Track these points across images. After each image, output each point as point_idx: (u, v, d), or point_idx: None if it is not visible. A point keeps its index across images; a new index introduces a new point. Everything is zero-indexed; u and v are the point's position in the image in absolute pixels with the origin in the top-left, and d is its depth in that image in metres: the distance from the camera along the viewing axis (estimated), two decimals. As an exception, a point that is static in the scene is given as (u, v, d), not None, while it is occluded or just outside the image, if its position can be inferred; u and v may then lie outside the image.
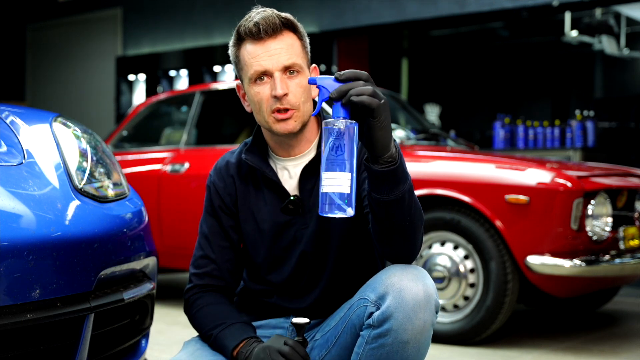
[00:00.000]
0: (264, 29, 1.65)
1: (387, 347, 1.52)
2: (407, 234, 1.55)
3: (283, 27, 1.67)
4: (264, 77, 1.67)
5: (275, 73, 1.66)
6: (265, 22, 1.65)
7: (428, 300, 1.52)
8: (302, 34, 1.72)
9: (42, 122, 2.17)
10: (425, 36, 8.89)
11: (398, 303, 1.50)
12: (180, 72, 9.05)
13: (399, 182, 1.48)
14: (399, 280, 1.53)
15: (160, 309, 4.34)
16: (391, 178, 1.47)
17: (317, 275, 1.75)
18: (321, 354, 1.69)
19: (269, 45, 1.66)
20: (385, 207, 1.50)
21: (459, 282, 3.59)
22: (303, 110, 1.69)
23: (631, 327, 4.20)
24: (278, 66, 1.66)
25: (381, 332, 1.52)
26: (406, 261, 1.60)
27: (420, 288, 1.52)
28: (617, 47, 7.71)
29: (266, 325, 1.79)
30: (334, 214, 1.41)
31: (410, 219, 1.53)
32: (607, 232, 3.57)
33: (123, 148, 5.09)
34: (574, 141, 6.41)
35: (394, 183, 1.48)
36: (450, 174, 3.64)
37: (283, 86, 1.65)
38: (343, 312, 1.65)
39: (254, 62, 1.67)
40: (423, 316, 1.51)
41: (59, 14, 10.27)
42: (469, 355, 3.40)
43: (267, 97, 1.67)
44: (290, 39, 1.68)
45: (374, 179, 1.49)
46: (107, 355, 2.01)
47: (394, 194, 1.49)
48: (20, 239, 1.68)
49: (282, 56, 1.66)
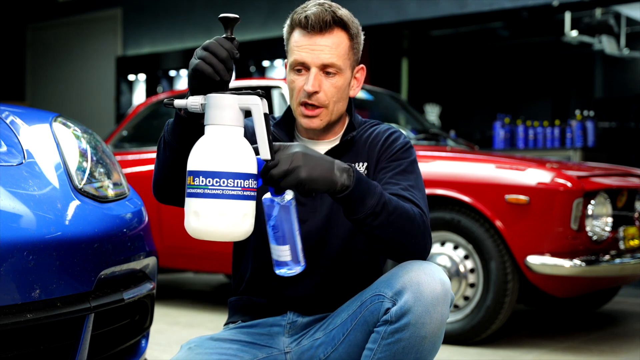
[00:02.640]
0: (312, 24, 1.67)
1: (404, 341, 1.52)
2: (401, 240, 1.58)
3: (334, 24, 1.68)
4: (302, 68, 1.69)
5: (312, 68, 1.68)
6: (316, 18, 1.66)
7: (445, 295, 1.54)
8: (355, 34, 1.73)
9: (42, 122, 2.17)
10: (425, 36, 8.88)
11: (417, 297, 1.51)
12: (180, 72, 9.05)
13: (363, 200, 1.52)
14: (417, 275, 1.53)
15: (160, 309, 4.34)
16: (352, 201, 1.52)
17: (316, 261, 1.74)
18: (327, 352, 1.68)
19: (314, 40, 1.67)
20: (363, 224, 1.54)
21: (459, 282, 3.59)
22: (332, 109, 1.71)
23: (631, 327, 4.20)
24: (317, 63, 1.67)
25: (399, 327, 1.52)
26: (418, 257, 1.62)
27: (437, 283, 1.53)
28: (617, 47, 7.71)
29: (263, 324, 1.78)
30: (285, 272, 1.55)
31: (396, 226, 1.55)
32: (607, 232, 3.57)
33: (123, 148, 5.09)
34: (574, 141, 6.41)
35: (358, 203, 1.52)
36: (450, 174, 3.64)
37: (315, 84, 1.67)
38: (352, 310, 1.64)
39: (296, 50, 1.69)
40: (441, 310, 1.52)
41: (59, 14, 10.27)
42: (469, 355, 3.40)
43: (299, 88, 1.70)
44: (339, 38, 1.69)
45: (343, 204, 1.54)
46: (107, 355, 2.01)
47: (363, 212, 1.52)
48: (20, 239, 1.68)
49: (324, 54, 1.67)
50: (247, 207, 1.42)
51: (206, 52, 1.48)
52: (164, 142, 1.64)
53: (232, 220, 1.40)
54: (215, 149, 1.41)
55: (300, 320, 1.76)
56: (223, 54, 1.48)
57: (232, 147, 1.41)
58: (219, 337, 1.74)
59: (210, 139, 1.43)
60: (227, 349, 1.70)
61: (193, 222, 1.41)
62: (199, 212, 1.40)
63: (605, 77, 9.50)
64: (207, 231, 1.41)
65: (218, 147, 1.41)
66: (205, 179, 1.39)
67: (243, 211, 1.41)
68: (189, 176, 1.42)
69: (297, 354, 1.73)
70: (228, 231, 1.41)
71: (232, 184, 1.39)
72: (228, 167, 1.39)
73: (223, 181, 1.38)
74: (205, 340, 1.73)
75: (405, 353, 1.53)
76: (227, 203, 1.39)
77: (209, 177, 1.39)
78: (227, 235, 1.42)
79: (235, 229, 1.41)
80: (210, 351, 1.69)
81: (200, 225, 1.41)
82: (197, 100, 1.49)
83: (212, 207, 1.39)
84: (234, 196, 1.39)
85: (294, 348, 1.74)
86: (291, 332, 1.76)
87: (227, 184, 1.39)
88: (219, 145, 1.41)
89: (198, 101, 1.49)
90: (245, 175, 1.41)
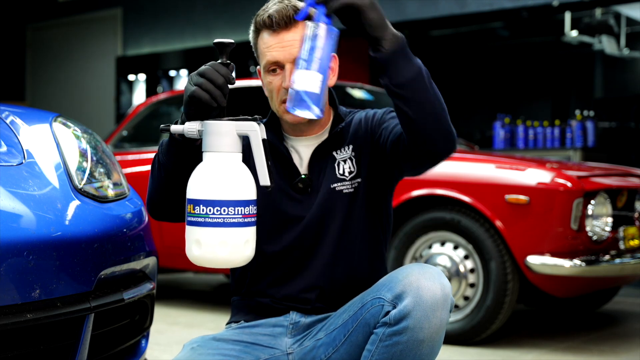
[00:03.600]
0: (277, 22, 1.67)
1: (401, 345, 1.52)
2: (440, 114, 1.53)
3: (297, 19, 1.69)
4: (276, 68, 1.70)
5: (286, 65, 1.68)
6: (278, 15, 1.67)
7: (445, 300, 1.53)
8: None
9: (42, 122, 2.17)
10: (425, 36, 8.89)
11: (416, 302, 1.51)
12: (180, 72, 9.05)
13: (410, 59, 1.50)
14: (417, 279, 1.53)
15: (160, 309, 4.34)
16: (402, 54, 1.49)
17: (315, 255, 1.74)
18: (328, 352, 1.68)
19: (282, 37, 1.68)
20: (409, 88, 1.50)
21: (459, 282, 3.59)
22: None
23: (631, 327, 4.20)
24: (289, 58, 1.67)
25: (397, 330, 1.52)
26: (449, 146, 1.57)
27: (437, 287, 1.53)
28: (617, 47, 7.71)
29: (265, 324, 1.78)
30: (301, 111, 1.45)
31: (435, 95, 1.53)
32: (607, 232, 3.57)
33: (123, 148, 5.09)
34: (574, 141, 6.40)
35: (407, 59, 1.49)
36: (450, 174, 3.64)
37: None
38: (353, 311, 1.64)
39: (267, 52, 1.70)
40: (440, 315, 1.52)
41: (59, 14, 10.26)
42: (469, 355, 3.40)
43: (277, 87, 1.70)
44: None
45: (387, 64, 1.49)
46: (107, 355, 2.01)
47: (413, 70, 1.50)
48: (20, 239, 1.68)
49: (294, 48, 1.67)
50: (248, 233, 1.43)
51: (202, 79, 1.49)
52: (158, 162, 1.65)
53: (234, 248, 1.41)
54: (216, 177, 1.42)
55: (303, 320, 1.76)
56: (219, 80, 1.49)
57: (232, 175, 1.43)
58: (222, 338, 1.74)
59: (209, 167, 1.44)
60: (230, 349, 1.70)
61: (195, 251, 1.43)
62: (201, 241, 1.42)
63: (605, 77, 9.49)
64: (210, 259, 1.42)
65: (218, 175, 1.42)
66: (206, 208, 1.40)
67: (244, 238, 1.42)
68: (189, 204, 1.43)
69: (299, 355, 1.73)
70: (230, 258, 1.42)
71: (233, 212, 1.40)
72: (229, 196, 1.40)
73: (224, 209, 1.39)
74: (208, 341, 1.73)
75: (402, 356, 1.53)
76: (229, 231, 1.40)
77: (210, 206, 1.40)
78: (229, 262, 1.43)
79: (237, 256, 1.43)
80: (213, 351, 1.69)
81: (202, 254, 1.42)
82: (194, 126, 1.50)
83: (214, 236, 1.40)
84: (235, 224, 1.40)
85: (296, 349, 1.74)
86: (294, 332, 1.76)
87: (228, 212, 1.40)
88: (219, 174, 1.42)
89: (195, 127, 1.50)
90: (246, 202, 1.42)
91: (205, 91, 1.48)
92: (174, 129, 1.53)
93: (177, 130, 1.52)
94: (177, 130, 1.52)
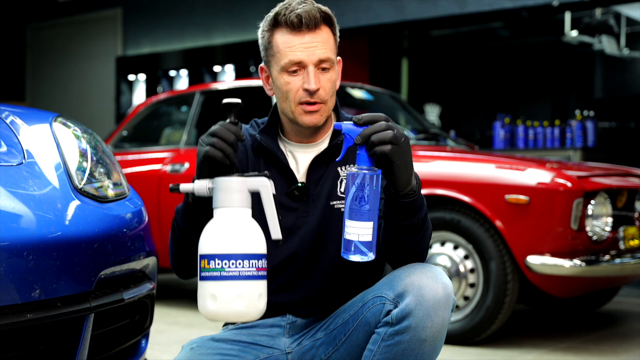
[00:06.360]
0: (306, 23, 1.66)
1: (403, 344, 1.52)
2: (416, 251, 1.62)
3: (322, 21, 1.69)
4: (298, 68, 1.68)
5: (309, 66, 1.67)
6: (308, 16, 1.66)
7: (447, 299, 1.54)
8: (336, 28, 1.75)
9: (42, 122, 2.17)
10: (425, 36, 8.88)
11: (418, 301, 1.51)
12: (180, 72, 9.05)
13: (417, 210, 1.56)
14: (419, 278, 1.54)
15: (160, 309, 4.34)
16: (410, 208, 1.55)
17: (314, 264, 1.74)
18: (328, 352, 1.68)
19: (307, 37, 1.67)
20: (400, 229, 1.57)
21: (459, 282, 3.59)
22: (329, 104, 1.72)
23: (631, 327, 4.20)
24: (313, 60, 1.67)
25: (399, 329, 1.52)
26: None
27: (439, 286, 1.53)
28: (617, 47, 7.71)
29: (262, 325, 1.78)
30: (356, 258, 1.49)
31: (421, 238, 1.60)
32: (607, 232, 3.57)
33: (123, 148, 5.09)
34: (574, 141, 6.40)
35: (412, 212, 1.56)
36: (450, 174, 3.64)
37: (317, 81, 1.67)
38: (353, 310, 1.64)
39: (289, 51, 1.68)
40: (442, 314, 1.53)
41: (59, 14, 10.27)
42: (469, 355, 3.40)
43: (297, 89, 1.69)
44: (327, 33, 1.70)
45: (393, 207, 1.55)
46: (107, 355, 2.01)
47: (410, 221, 1.56)
48: (20, 239, 1.68)
49: (319, 49, 1.67)
50: (261, 287, 1.44)
51: (214, 138, 1.51)
52: (177, 226, 1.67)
53: (250, 301, 1.42)
54: (231, 231, 1.44)
55: (299, 320, 1.77)
56: (231, 138, 1.51)
57: (247, 229, 1.45)
58: (221, 338, 1.74)
59: (222, 222, 1.46)
60: (229, 349, 1.71)
61: (210, 305, 1.43)
62: (217, 295, 1.42)
63: (605, 77, 9.49)
64: (225, 313, 1.43)
65: (233, 229, 1.44)
66: (221, 262, 1.41)
67: (259, 291, 1.44)
68: (202, 259, 1.44)
69: (298, 354, 1.73)
70: (245, 311, 1.43)
71: (248, 265, 1.42)
72: (244, 249, 1.42)
73: (240, 262, 1.41)
74: (206, 341, 1.74)
75: (404, 355, 1.53)
76: (245, 284, 1.42)
77: (226, 259, 1.41)
78: (245, 315, 1.44)
79: (251, 309, 1.43)
80: (212, 352, 1.69)
81: (218, 308, 1.43)
82: (203, 184, 1.52)
83: (230, 289, 1.41)
84: (250, 277, 1.42)
85: (295, 348, 1.74)
86: (291, 332, 1.76)
87: (243, 265, 1.41)
88: (233, 228, 1.44)
89: (205, 185, 1.52)
90: (259, 256, 1.44)
91: (219, 149, 1.50)
92: (183, 188, 1.55)
93: (186, 189, 1.54)
94: (187, 189, 1.54)
